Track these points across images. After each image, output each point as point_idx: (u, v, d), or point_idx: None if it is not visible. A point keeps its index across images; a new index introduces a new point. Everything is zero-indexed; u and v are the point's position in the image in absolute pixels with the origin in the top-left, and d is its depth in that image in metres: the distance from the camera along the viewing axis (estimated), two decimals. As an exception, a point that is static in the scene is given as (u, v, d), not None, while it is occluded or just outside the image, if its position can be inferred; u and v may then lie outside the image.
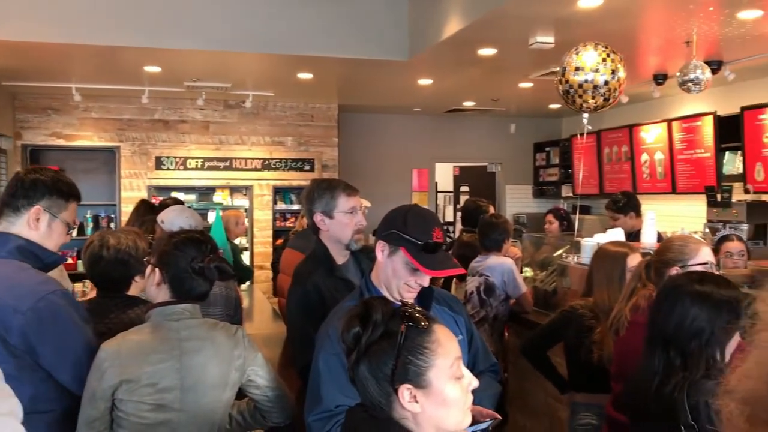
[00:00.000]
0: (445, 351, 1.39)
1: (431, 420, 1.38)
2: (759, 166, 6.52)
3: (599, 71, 4.10)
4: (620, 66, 4.19)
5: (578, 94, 4.17)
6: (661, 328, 2.06)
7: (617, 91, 4.19)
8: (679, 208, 7.68)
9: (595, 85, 4.11)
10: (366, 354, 1.39)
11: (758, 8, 4.48)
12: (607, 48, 4.20)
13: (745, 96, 6.79)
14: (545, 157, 10.56)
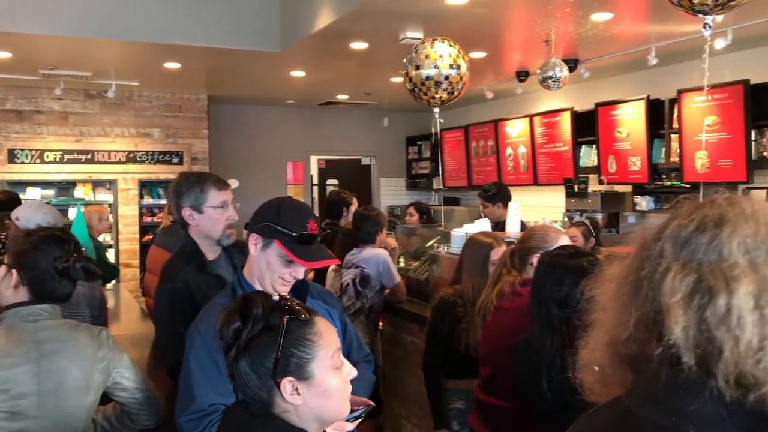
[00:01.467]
0: (326, 342, 1.40)
1: (313, 411, 1.39)
2: (612, 159, 7.00)
3: (439, 67, 4.19)
4: (461, 60, 4.29)
5: (422, 90, 4.25)
6: (543, 301, 2.23)
7: (460, 84, 4.27)
8: (541, 198, 8.10)
9: (436, 81, 4.20)
10: (246, 349, 1.37)
11: (609, 11, 4.80)
12: (445, 41, 4.27)
13: (599, 93, 7.27)
14: (417, 151, 10.80)
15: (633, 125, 6.74)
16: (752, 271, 0.81)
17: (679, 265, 0.84)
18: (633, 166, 6.77)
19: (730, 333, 0.78)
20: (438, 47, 4.23)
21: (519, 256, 2.82)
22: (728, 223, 0.85)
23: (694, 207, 0.89)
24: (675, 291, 0.82)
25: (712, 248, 0.83)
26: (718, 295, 0.80)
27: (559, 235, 2.80)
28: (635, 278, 0.88)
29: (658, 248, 0.87)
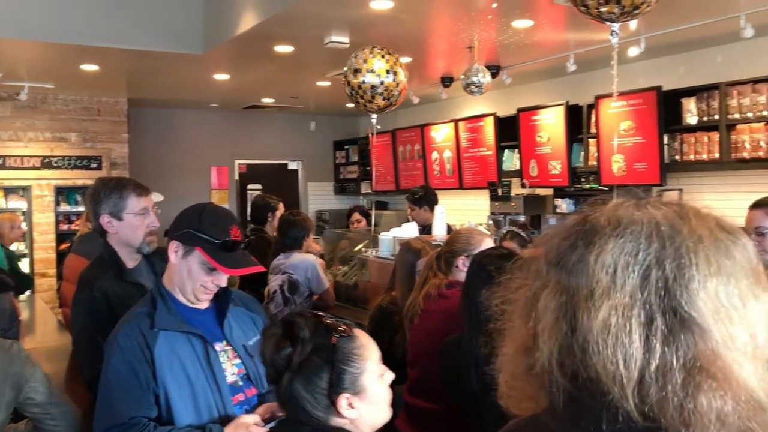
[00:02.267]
0: (370, 353, 1.47)
1: (367, 421, 1.45)
2: (533, 163, 7.19)
3: (375, 72, 4.24)
4: (399, 68, 4.35)
5: (359, 95, 4.28)
6: (473, 301, 2.25)
7: (397, 91, 4.33)
8: (466, 202, 8.24)
9: (372, 86, 4.24)
10: (299, 372, 1.40)
11: (529, 18, 4.93)
12: (383, 50, 4.34)
13: (521, 99, 7.45)
14: (345, 155, 10.80)
15: (553, 130, 6.94)
16: (614, 290, 0.78)
17: (553, 283, 0.82)
18: (553, 169, 6.96)
19: (605, 350, 0.76)
20: (377, 54, 4.27)
21: (445, 259, 2.85)
22: (597, 242, 0.81)
23: (574, 222, 0.87)
24: (546, 309, 0.81)
25: (579, 268, 0.80)
26: (583, 314, 0.78)
27: (484, 238, 2.85)
28: (526, 293, 0.87)
29: (540, 264, 0.86)
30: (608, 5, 2.78)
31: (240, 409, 1.96)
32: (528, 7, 4.67)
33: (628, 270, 0.77)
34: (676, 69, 6.03)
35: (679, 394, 0.73)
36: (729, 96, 5.39)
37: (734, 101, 5.36)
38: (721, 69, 5.59)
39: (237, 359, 2.02)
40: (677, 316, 0.74)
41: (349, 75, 4.27)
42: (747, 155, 5.25)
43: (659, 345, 0.74)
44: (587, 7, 2.85)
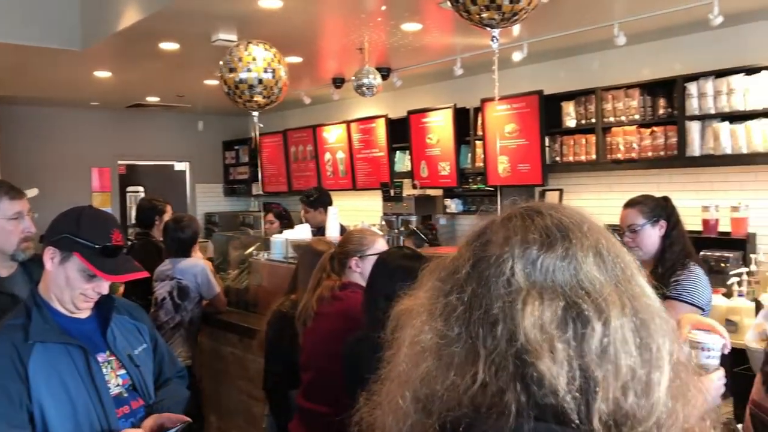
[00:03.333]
0: None
1: None
2: (423, 164, 7.32)
3: (252, 70, 4.13)
4: (278, 64, 4.26)
5: (237, 94, 4.17)
6: (373, 297, 2.28)
7: (276, 89, 4.23)
8: (360, 203, 8.28)
9: (250, 85, 4.14)
10: None
11: (418, 22, 5.01)
12: (260, 45, 4.20)
13: (411, 101, 7.57)
14: (235, 156, 10.58)
15: (442, 132, 7.10)
16: (616, 288, 0.74)
17: (536, 291, 0.73)
18: (443, 170, 7.12)
19: (606, 365, 0.70)
20: (253, 50, 4.15)
21: (338, 260, 2.85)
22: (572, 236, 0.76)
23: (520, 221, 0.79)
24: (538, 321, 0.71)
25: (567, 267, 0.74)
26: (589, 322, 0.71)
27: (376, 238, 2.87)
28: (475, 309, 0.75)
29: (504, 270, 0.75)
30: (489, 11, 2.86)
31: (125, 422, 1.87)
32: (416, 10, 4.74)
33: (616, 267, 0.77)
34: (557, 74, 6.32)
35: (676, 408, 0.73)
36: (605, 100, 5.70)
37: (609, 105, 5.67)
38: (598, 74, 5.91)
39: (122, 370, 1.93)
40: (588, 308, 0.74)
41: (225, 73, 4.14)
42: (621, 156, 5.58)
43: (665, 353, 0.74)
44: (469, 13, 2.92)
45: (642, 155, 5.44)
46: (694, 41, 5.30)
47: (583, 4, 4.60)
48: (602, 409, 0.69)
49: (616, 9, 4.77)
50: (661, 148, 5.33)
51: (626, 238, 2.90)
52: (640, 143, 5.44)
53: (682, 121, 5.16)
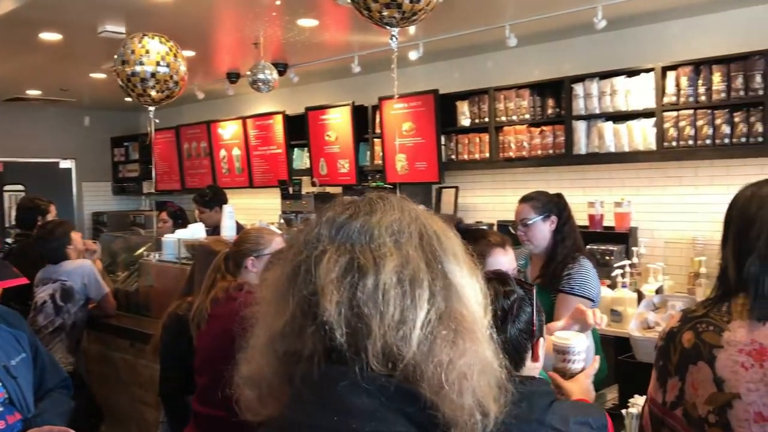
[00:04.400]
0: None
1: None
2: (323, 162, 7.28)
3: (144, 63, 3.99)
4: (173, 57, 4.12)
5: (131, 88, 4.02)
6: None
7: (173, 82, 4.10)
8: (258, 201, 8.14)
9: (142, 78, 4.00)
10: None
11: (314, 18, 4.97)
12: (155, 38, 4.06)
13: (309, 97, 7.51)
14: (124, 153, 10.15)
15: (341, 129, 7.08)
16: (397, 249, 0.85)
17: (334, 248, 0.86)
18: (342, 168, 7.11)
19: (377, 308, 0.81)
20: (147, 43, 3.99)
21: (233, 260, 2.77)
22: (377, 211, 0.90)
23: (349, 200, 0.94)
24: (330, 271, 0.83)
25: (363, 231, 0.87)
26: (367, 273, 0.83)
27: (274, 237, 2.81)
28: (293, 265, 0.88)
29: (315, 233, 0.88)
30: (389, 10, 2.87)
31: (0, 438, 1.74)
32: (313, 6, 4.70)
33: (406, 233, 0.88)
34: (452, 74, 6.44)
35: (436, 350, 0.82)
36: (497, 100, 5.86)
37: (501, 105, 5.84)
38: (491, 75, 6.07)
39: (-4, 382, 1.79)
40: (443, 277, 0.87)
41: (118, 65, 3.97)
42: (513, 155, 5.76)
43: (426, 303, 0.84)
44: (370, 11, 2.92)
45: (532, 153, 5.64)
46: (581, 44, 5.54)
47: (475, 5, 4.70)
48: (373, 347, 0.81)
49: (507, 11, 4.91)
50: (550, 146, 5.55)
51: (519, 232, 3.02)
52: (531, 142, 5.64)
53: (569, 121, 5.39)
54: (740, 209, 1.67)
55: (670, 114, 4.85)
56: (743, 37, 4.67)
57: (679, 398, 1.67)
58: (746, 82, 4.53)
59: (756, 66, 4.47)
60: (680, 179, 5.09)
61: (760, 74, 4.46)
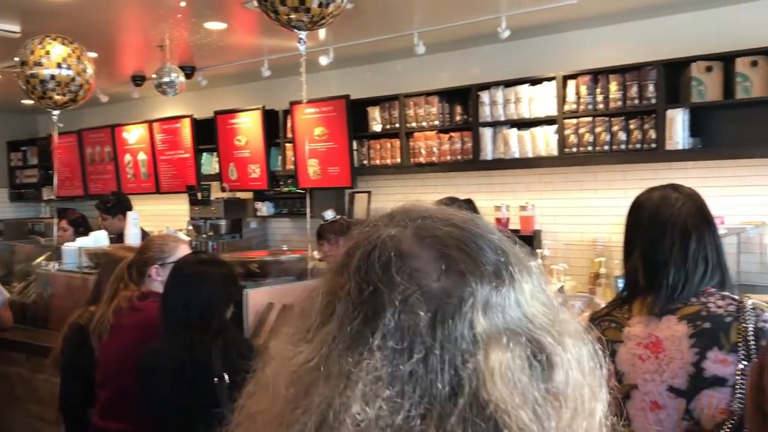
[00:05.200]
0: None
1: None
2: (232, 167, 7.16)
3: (43, 65, 3.85)
4: (76, 59, 3.98)
5: (29, 89, 3.87)
6: (170, 306, 2.26)
7: (76, 85, 3.95)
8: (165, 207, 7.91)
9: (42, 80, 3.86)
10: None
11: (222, 20, 4.89)
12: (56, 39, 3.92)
13: (218, 101, 7.37)
14: (22, 157, 9.65)
15: (251, 134, 6.99)
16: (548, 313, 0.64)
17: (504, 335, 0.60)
18: (253, 173, 7.02)
19: (568, 400, 0.61)
20: (48, 44, 3.84)
21: (137, 269, 2.69)
22: (518, 265, 0.65)
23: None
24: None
25: (515, 302, 0.62)
26: (556, 360, 0.61)
27: (179, 244, 2.76)
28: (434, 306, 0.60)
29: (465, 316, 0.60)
30: (297, 13, 2.86)
31: None
32: (220, 9, 4.63)
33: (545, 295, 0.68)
34: (363, 79, 6.48)
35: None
36: (407, 106, 5.95)
37: (411, 111, 5.93)
38: (401, 81, 6.15)
39: None
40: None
41: (18, 66, 3.81)
42: (423, 160, 5.85)
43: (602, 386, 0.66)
44: (277, 14, 2.91)
45: (442, 159, 5.75)
46: (487, 52, 5.70)
47: (384, 12, 4.76)
48: None
49: (415, 19, 4.99)
50: (458, 152, 5.67)
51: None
52: (440, 148, 5.75)
53: (476, 128, 5.53)
54: (649, 215, 1.75)
55: (570, 121, 5.06)
56: (637, 48, 4.93)
57: None
58: (640, 91, 4.78)
59: (649, 76, 4.73)
60: (581, 183, 5.31)
61: (652, 84, 4.71)
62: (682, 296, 1.64)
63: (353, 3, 4.24)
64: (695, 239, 1.68)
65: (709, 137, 4.68)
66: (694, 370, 1.59)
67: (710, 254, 1.68)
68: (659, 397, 1.62)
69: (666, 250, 1.67)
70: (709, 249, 1.69)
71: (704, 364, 1.58)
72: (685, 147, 4.60)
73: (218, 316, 2.28)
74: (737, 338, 1.57)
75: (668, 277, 1.65)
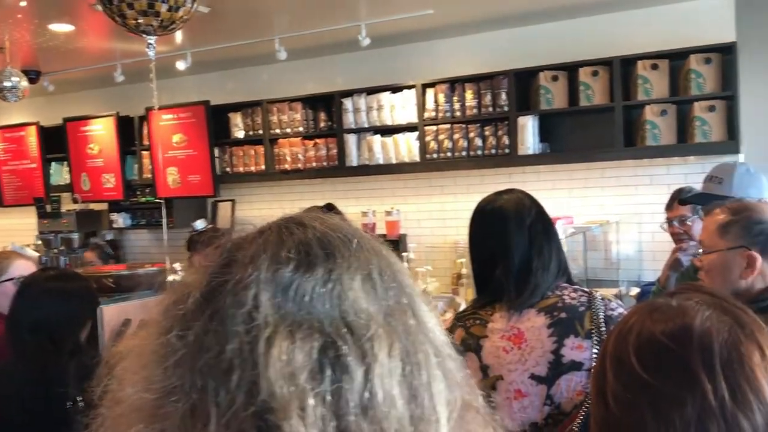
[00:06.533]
0: None
1: None
2: (85, 176, 6.76)
3: None
4: None
5: None
6: (16, 326, 2.13)
7: None
8: (10, 221, 7.36)
9: None
10: None
11: (68, 23, 4.61)
12: None
13: (68, 108, 6.93)
14: None
15: (105, 141, 6.64)
16: (387, 323, 0.58)
17: (287, 326, 0.55)
18: (107, 183, 6.66)
19: (369, 425, 0.54)
20: None
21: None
22: (337, 254, 0.60)
23: (275, 234, 0.62)
24: (290, 370, 0.54)
25: (329, 294, 0.58)
26: (352, 370, 0.55)
27: (12, 261, 2.59)
28: (189, 352, 0.56)
29: (244, 300, 0.57)
30: (146, 17, 2.74)
31: None
32: (65, 10, 4.36)
33: (389, 293, 0.63)
34: (225, 85, 6.33)
35: None
36: (270, 112, 5.88)
37: (275, 117, 5.87)
38: (264, 87, 6.06)
39: None
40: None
41: None
42: (288, 167, 5.80)
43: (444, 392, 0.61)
44: (124, 18, 2.77)
45: (307, 166, 5.73)
46: (349, 60, 5.75)
47: (244, 17, 4.67)
48: None
49: (276, 24, 4.95)
50: (323, 158, 5.68)
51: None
52: (305, 154, 5.73)
53: (340, 134, 5.56)
54: (505, 220, 1.87)
55: (430, 128, 5.21)
56: (490, 58, 5.16)
57: None
58: (494, 99, 5.00)
59: (501, 84, 4.96)
60: (442, 188, 5.48)
61: (505, 92, 4.95)
62: (541, 291, 1.76)
63: (210, 7, 4.13)
64: (552, 240, 1.81)
65: (557, 142, 4.99)
66: (553, 357, 1.70)
67: (561, 252, 1.83)
68: (522, 386, 1.71)
69: (533, 255, 1.79)
70: (560, 247, 1.83)
71: (562, 351, 1.70)
72: (535, 152, 4.87)
73: (71, 337, 2.14)
74: (590, 326, 1.70)
75: (530, 276, 1.77)
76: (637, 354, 0.90)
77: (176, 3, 2.77)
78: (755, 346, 0.86)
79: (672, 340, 0.88)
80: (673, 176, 4.58)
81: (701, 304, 0.92)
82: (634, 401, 0.88)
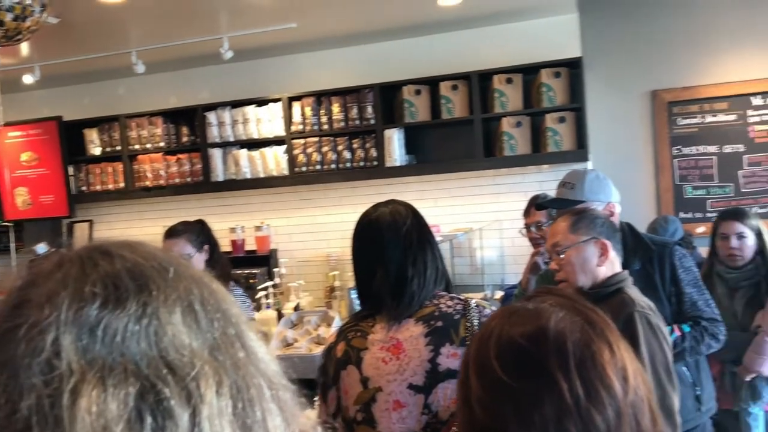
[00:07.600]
0: None
1: None
2: None
3: None
4: None
5: None
6: None
7: None
8: None
9: None
10: None
11: None
12: None
13: None
14: None
15: (-57, 161, 6.08)
16: (213, 359, 0.53)
17: (96, 372, 0.48)
18: (-53, 206, 6.11)
19: None
20: None
21: None
22: (154, 285, 0.54)
23: (77, 267, 0.55)
24: (104, 424, 0.46)
25: (144, 331, 0.51)
26: (176, 415, 0.49)
27: None
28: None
29: (41, 346, 0.49)
30: (-11, 28, 2.56)
31: None
32: None
33: (214, 324, 0.58)
34: (80, 100, 5.99)
35: None
36: (129, 128, 5.63)
37: (134, 133, 5.62)
38: (122, 102, 5.79)
39: None
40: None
41: None
42: (149, 184, 5.57)
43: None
44: (-37, 27, 2.57)
45: (170, 182, 5.53)
46: (212, 73, 5.62)
47: (97, 29, 4.46)
48: None
49: (132, 37, 4.76)
50: (187, 174, 5.50)
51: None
52: (168, 170, 5.53)
53: (204, 149, 5.41)
54: (384, 233, 1.88)
55: (298, 141, 5.20)
56: (356, 72, 5.22)
57: (337, 407, 1.80)
58: (360, 112, 5.07)
59: (367, 98, 5.04)
60: (312, 201, 5.47)
61: (370, 105, 5.03)
62: (418, 300, 1.79)
63: (60, 17, 3.91)
64: (428, 249, 1.84)
65: (422, 154, 5.13)
66: (430, 366, 1.73)
67: (439, 261, 1.86)
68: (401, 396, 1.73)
69: (408, 264, 1.81)
70: (438, 256, 1.87)
71: (438, 360, 1.73)
72: (402, 164, 4.98)
73: None
74: (465, 333, 1.74)
75: (410, 287, 1.79)
76: (498, 358, 0.93)
77: (23, 12, 2.59)
78: (605, 344, 0.92)
79: (529, 342, 0.92)
80: (529, 184, 4.84)
81: (555, 306, 0.96)
82: (497, 404, 0.91)
